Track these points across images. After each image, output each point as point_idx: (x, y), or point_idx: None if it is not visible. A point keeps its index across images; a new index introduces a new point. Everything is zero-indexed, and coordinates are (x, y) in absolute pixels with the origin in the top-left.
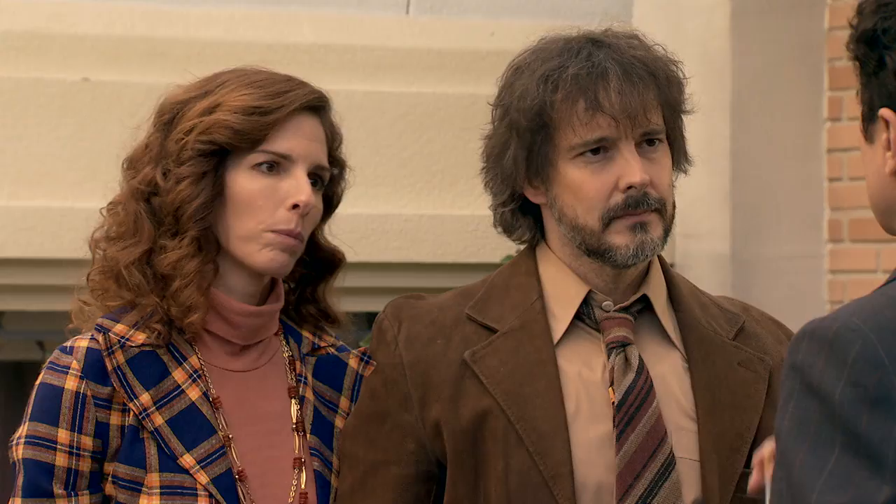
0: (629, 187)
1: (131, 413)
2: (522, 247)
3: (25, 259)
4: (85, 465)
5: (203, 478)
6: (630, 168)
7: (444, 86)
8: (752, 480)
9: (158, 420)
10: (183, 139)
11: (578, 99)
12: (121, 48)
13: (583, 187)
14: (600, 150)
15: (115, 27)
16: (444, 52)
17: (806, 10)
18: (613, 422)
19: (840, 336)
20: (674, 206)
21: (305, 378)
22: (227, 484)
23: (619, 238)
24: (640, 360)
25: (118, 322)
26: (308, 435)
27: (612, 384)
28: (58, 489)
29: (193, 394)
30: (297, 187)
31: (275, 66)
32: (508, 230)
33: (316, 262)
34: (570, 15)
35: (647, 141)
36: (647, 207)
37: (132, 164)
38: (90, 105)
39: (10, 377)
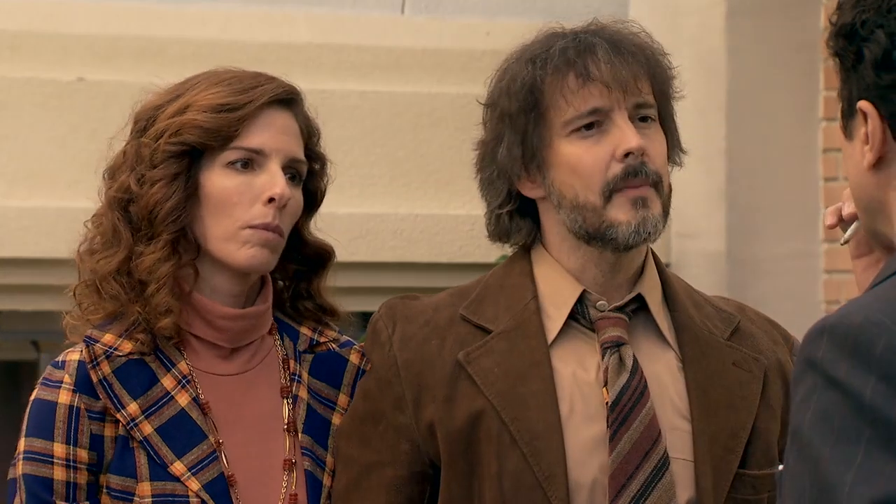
0: (626, 154)
1: (121, 423)
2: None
3: (20, 259)
4: (82, 478)
5: (194, 484)
6: (625, 136)
7: (439, 86)
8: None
9: (147, 429)
10: (155, 143)
11: (568, 72)
12: (116, 48)
13: (580, 162)
14: (594, 124)
15: (111, 27)
16: (439, 51)
17: (801, 10)
18: (607, 422)
19: (865, 331)
20: (670, 189)
21: (299, 376)
22: (220, 489)
23: (621, 213)
24: (635, 360)
25: (106, 333)
26: (300, 434)
27: (606, 384)
28: (59, 502)
29: (183, 400)
30: (272, 181)
31: (270, 66)
32: (505, 235)
33: (305, 258)
34: (565, 14)
35: (640, 118)
36: (645, 178)
37: (111, 174)
38: (85, 105)
39: (6, 377)
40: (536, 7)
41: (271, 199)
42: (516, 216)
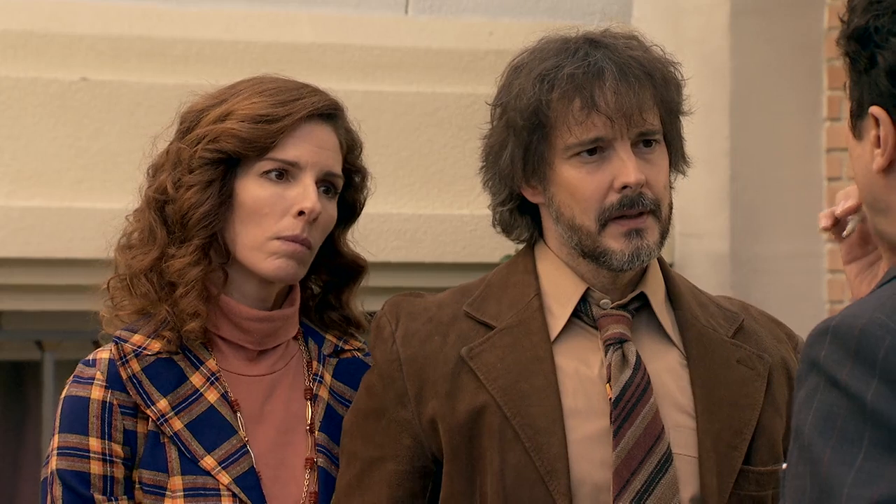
0: (624, 187)
1: (151, 419)
2: (521, 247)
3: (23, 259)
4: (119, 472)
5: (225, 478)
6: (625, 168)
7: (442, 85)
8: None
9: (177, 425)
10: (194, 148)
11: (574, 98)
12: (119, 48)
13: (579, 187)
14: (596, 150)
15: (114, 27)
16: (442, 51)
17: (805, 10)
18: (610, 418)
19: (868, 333)
20: (670, 208)
21: (322, 377)
22: (251, 483)
23: (615, 243)
24: (638, 356)
25: (135, 333)
26: (317, 432)
27: (609, 380)
28: (98, 496)
29: (212, 396)
30: (304, 194)
31: (273, 66)
32: (507, 229)
33: (338, 268)
34: (569, 14)
35: (643, 142)
36: (642, 208)
37: (154, 172)
38: (88, 105)
39: (9, 377)
40: (540, 7)
41: (301, 213)
42: (517, 213)
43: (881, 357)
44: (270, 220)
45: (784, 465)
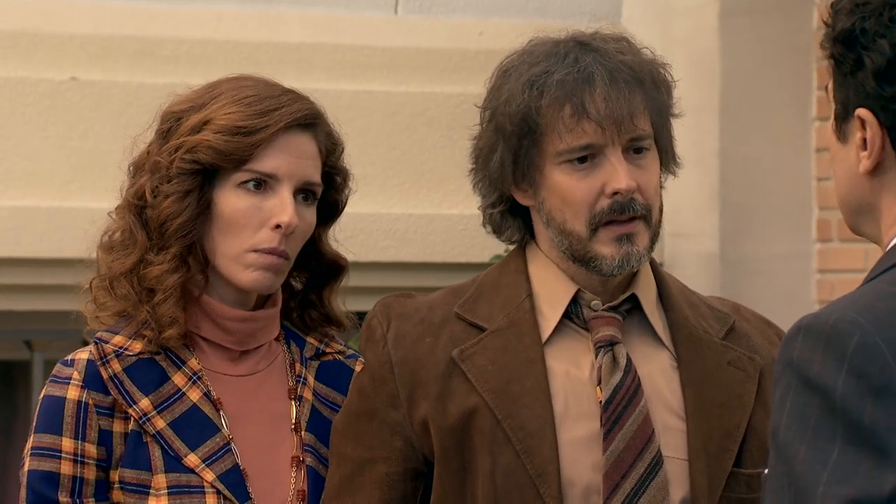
0: (615, 193)
1: (132, 419)
2: (512, 247)
3: (13, 258)
4: (90, 473)
5: (209, 475)
6: (616, 174)
7: (432, 85)
8: None
9: (160, 423)
10: (172, 156)
11: (564, 104)
12: (109, 47)
13: (569, 193)
14: (587, 157)
15: (104, 26)
16: (432, 51)
17: (794, 10)
18: (601, 421)
19: (838, 329)
20: (661, 211)
21: (305, 379)
22: (235, 480)
23: (605, 248)
24: (628, 359)
25: (116, 334)
26: (304, 432)
27: (599, 383)
28: (63, 497)
29: (194, 395)
30: (281, 207)
31: (263, 66)
32: (497, 231)
33: (319, 268)
34: (558, 14)
35: (634, 148)
36: (633, 213)
37: (135, 171)
38: (78, 104)
39: None
40: (530, 7)
41: (278, 226)
42: (508, 215)
43: (850, 351)
44: (248, 231)
45: (766, 471)
